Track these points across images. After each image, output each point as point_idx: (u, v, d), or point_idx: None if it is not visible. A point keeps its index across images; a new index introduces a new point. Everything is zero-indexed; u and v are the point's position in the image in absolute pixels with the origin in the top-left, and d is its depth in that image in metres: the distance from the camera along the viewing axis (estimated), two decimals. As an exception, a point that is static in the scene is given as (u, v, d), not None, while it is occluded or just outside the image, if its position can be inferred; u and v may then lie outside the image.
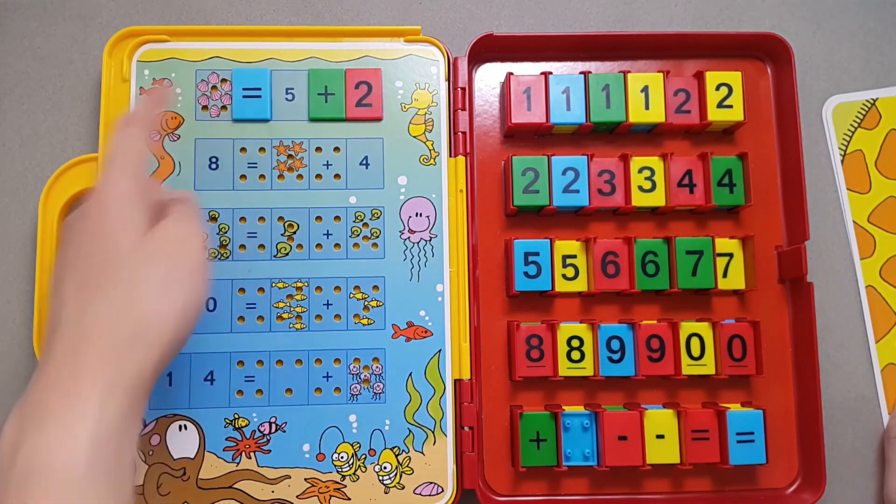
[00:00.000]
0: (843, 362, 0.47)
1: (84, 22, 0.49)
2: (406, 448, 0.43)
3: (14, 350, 0.46)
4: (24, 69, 0.48)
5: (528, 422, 0.43)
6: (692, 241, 0.45)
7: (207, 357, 0.43)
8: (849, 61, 0.50)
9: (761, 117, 0.48)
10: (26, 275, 0.46)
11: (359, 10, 0.50)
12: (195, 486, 0.42)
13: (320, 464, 0.43)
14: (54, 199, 0.44)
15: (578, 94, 0.46)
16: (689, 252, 0.45)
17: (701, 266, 0.45)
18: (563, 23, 0.50)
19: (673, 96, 0.47)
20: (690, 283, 0.45)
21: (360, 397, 0.44)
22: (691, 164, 0.46)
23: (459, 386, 0.44)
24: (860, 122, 0.50)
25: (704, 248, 0.45)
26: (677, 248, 0.45)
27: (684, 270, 0.45)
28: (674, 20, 0.50)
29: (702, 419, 0.44)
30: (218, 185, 0.45)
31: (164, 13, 0.49)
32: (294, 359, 0.44)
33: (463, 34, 0.50)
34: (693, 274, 0.45)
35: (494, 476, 0.44)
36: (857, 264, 0.48)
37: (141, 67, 0.45)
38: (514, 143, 0.48)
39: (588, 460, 0.43)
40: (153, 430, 0.43)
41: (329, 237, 0.45)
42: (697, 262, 0.45)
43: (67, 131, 0.48)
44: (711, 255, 0.45)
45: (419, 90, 0.46)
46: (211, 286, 0.44)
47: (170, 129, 0.45)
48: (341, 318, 0.44)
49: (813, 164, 0.49)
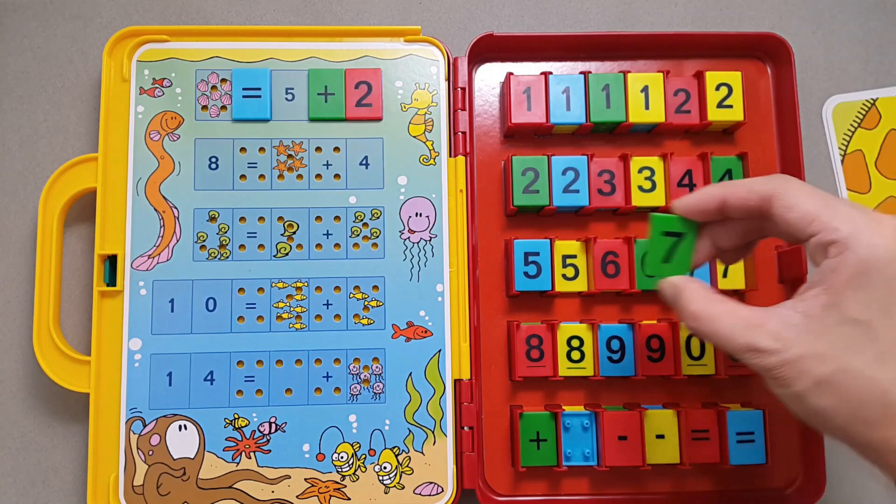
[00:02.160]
0: (843, 362, 0.47)
1: (84, 22, 0.49)
2: (406, 448, 0.43)
3: (14, 350, 0.46)
4: (24, 69, 0.48)
5: (528, 422, 0.43)
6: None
7: (207, 357, 0.43)
8: (849, 61, 0.50)
9: (761, 117, 0.48)
10: (26, 275, 0.46)
11: (359, 10, 0.50)
12: (195, 486, 0.42)
13: (320, 464, 0.43)
14: (54, 199, 0.44)
15: (578, 94, 0.46)
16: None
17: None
18: (563, 23, 0.50)
19: (673, 96, 0.47)
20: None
21: (360, 397, 0.44)
22: (691, 164, 0.46)
23: (459, 386, 0.44)
24: (860, 122, 0.50)
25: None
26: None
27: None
28: (674, 20, 0.50)
29: (702, 419, 0.44)
30: (218, 185, 0.45)
31: (164, 13, 0.49)
32: (294, 359, 0.44)
33: (463, 34, 0.50)
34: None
35: (494, 476, 0.44)
36: (857, 264, 0.48)
37: (141, 67, 0.45)
38: (514, 143, 0.48)
39: (588, 460, 0.43)
40: (153, 430, 0.43)
41: (329, 237, 0.45)
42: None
43: (67, 131, 0.48)
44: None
45: (419, 90, 0.46)
46: (210, 287, 0.44)
47: (169, 129, 0.45)
48: (341, 318, 0.44)
49: (813, 164, 0.49)
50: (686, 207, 0.34)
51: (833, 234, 0.29)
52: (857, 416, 0.29)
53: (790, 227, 0.31)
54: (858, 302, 0.29)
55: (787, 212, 0.30)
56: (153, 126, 0.45)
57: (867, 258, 0.28)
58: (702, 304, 0.32)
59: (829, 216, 0.29)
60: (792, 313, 0.30)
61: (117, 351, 0.43)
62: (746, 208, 0.32)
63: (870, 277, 0.28)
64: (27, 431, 0.45)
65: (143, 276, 0.44)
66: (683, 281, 0.34)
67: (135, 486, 0.42)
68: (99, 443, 0.42)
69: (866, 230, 0.29)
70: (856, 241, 0.29)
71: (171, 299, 0.44)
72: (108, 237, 0.44)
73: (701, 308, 0.32)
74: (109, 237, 0.44)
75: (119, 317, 0.43)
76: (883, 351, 0.28)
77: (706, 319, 0.32)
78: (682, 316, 0.33)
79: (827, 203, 0.30)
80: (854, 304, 0.29)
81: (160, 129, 0.45)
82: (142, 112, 0.45)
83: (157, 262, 0.44)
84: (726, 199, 0.33)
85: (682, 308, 0.33)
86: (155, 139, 0.45)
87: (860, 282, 0.28)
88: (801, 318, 0.30)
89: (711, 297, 0.32)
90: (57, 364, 0.43)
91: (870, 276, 0.28)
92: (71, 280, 0.46)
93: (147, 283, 0.44)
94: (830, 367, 0.29)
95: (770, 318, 0.30)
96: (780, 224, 0.31)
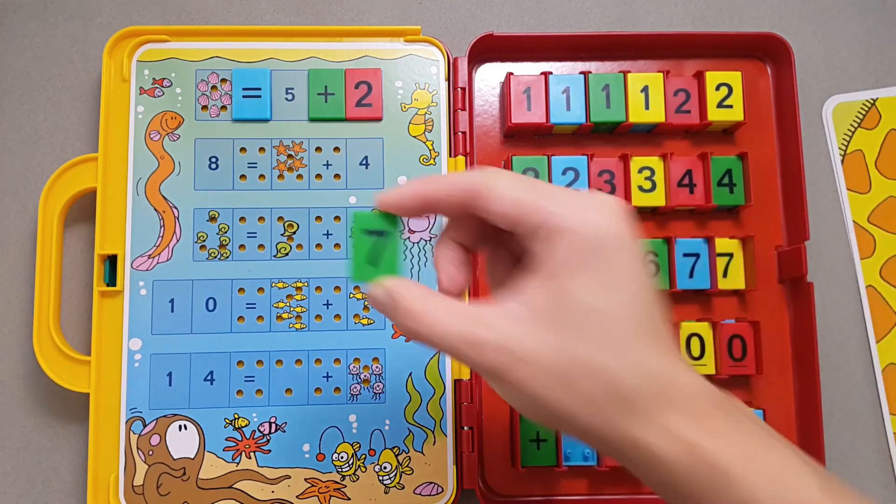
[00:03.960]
0: (844, 362, 0.47)
1: (84, 22, 0.49)
2: (406, 448, 0.43)
3: (14, 350, 0.46)
4: (24, 69, 0.48)
5: (527, 422, 0.43)
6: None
7: (207, 357, 0.43)
8: (849, 61, 0.50)
9: (761, 117, 0.48)
10: (26, 275, 0.46)
11: (359, 10, 0.50)
12: (195, 486, 0.42)
13: (320, 464, 0.43)
14: (54, 199, 0.44)
15: (578, 94, 0.46)
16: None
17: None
18: (563, 23, 0.50)
19: (673, 96, 0.47)
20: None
21: (360, 397, 0.44)
22: (691, 164, 0.46)
23: (459, 386, 0.44)
24: (860, 122, 0.50)
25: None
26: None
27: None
28: (674, 20, 0.50)
29: (702, 419, 0.44)
30: (218, 185, 0.45)
31: (163, 13, 0.49)
32: (294, 359, 0.44)
33: (463, 34, 0.50)
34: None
35: (494, 476, 0.44)
36: (857, 264, 0.48)
37: (141, 67, 0.45)
38: (514, 143, 0.48)
39: (587, 460, 0.43)
40: (153, 430, 0.43)
41: (329, 237, 0.45)
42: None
43: (67, 131, 0.48)
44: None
45: (419, 90, 0.46)
46: (211, 287, 0.44)
47: (169, 129, 0.45)
48: (341, 318, 0.44)
49: (813, 164, 0.49)
50: (387, 204, 0.31)
51: (548, 219, 0.27)
52: (594, 411, 0.26)
53: (502, 218, 0.28)
54: (583, 286, 0.26)
55: (496, 204, 0.28)
56: (153, 126, 0.45)
57: (586, 239, 0.26)
58: (418, 301, 0.28)
59: (540, 202, 0.27)
60: (515, 305, 0.27)
61: (117, 351, 0.43)
62: (453, 204, 0.29)
63: (590, 259, 0.26)
64: (27, 431, 0.45)
65: (144, 276, 0.44)
66: (395, 281, 0.29)
67: (135, 486, 0.42)
68: (99, 443, 0.42)
69: (581, 211, 0.27)
70: (572, 224, 0.27)
71: (171, 299, 0.44)
72: (108, 237, 0.44)
73: (417, 306, 0.28)
74: (109, 237, 0.44)
75: (119, 317, 0.43)
76: (613, 337, 0.26)
77: (423, 316, 0.28)
78: (396, 317, 0.29)
79: (536, 188, 0.28)
80: (578, 290, 0.26)
81: (160, 129, 0.45)
82: (142, 112, 0.45)
83: (157, 262, 0.44)
84: (427, 196, 0.30)
85: (397, 308, 0.29)
86: (155, 139, 0.45)
87: (582, 265, 0.26)
88: (525, 309, 0.27)
89: (428, 294, 0.29)
90: (57, 364, 0.43)
91: (590, 258, 0.26)
92: (71, 280, 0.46)
93: (147, 283, 0.44)
94: (561, 360, 0.26)
95: (492, 312, 0.27)
96: (492, 217, 0.28)
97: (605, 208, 0.27)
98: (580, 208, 0.27)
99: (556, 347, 0.26)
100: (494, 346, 0.26)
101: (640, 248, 0.27)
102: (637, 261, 0.27)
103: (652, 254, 0.45)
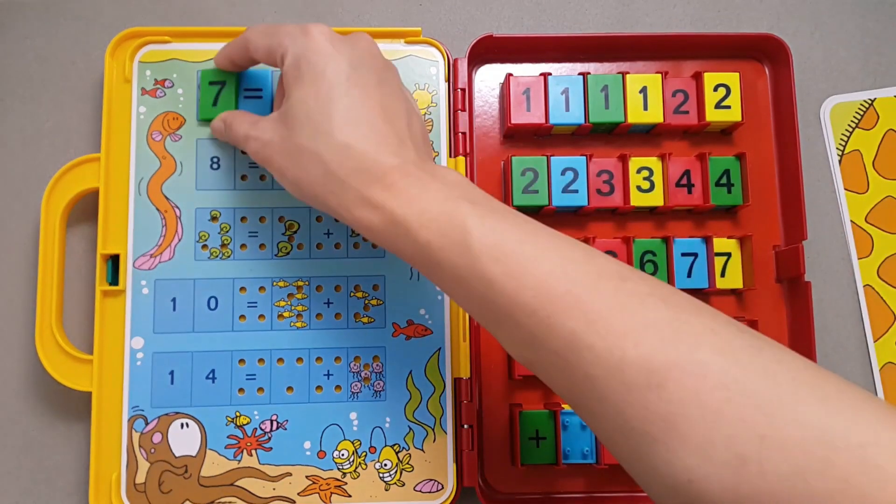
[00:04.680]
0: (842, 362, 0.48)
1: (86, 23, 0.49)
2: (406, 445, 0.43)
3: (16, 349, 0.46)
4: (26, 70, 0.48)
5: (527, 420, 0.44)
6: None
7: (209, 355, 0.44)
8: (847, 62, 0.51)
9: (759, 118, 0.49)
10: (29, 274, 0.47)
11: (359, 11, 0.50)
12: (197, 483, 0.43)
13: (321, 461, 0.43)
14: (56, 200, 0.44)
15: (577, 94, 0.46)
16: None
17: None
18: (562, 24, 0.51)
19: (671, 97, 0.47)
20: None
21: (361, 395, 0.44)
22: (689, 165, 0.47)
23: (459, 384, 0.44)
24: (858, 123, 0.50)
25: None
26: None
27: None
28: (672, 21, 0.51)
29: (700, 417, 0.44)
30: (219, 184, 0.45)
31: (166, 14, 0.49)
32: (295, 357, 0.44)
33: (463, 35, 0.50)
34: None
35: (494, 474, 0.45)
36: (854, 264, 0.49)
37: (143, 68, 0.46)
38: (514, 144, 0.48)
39: (587, 458, 0.44)
40: (155, 429, 0.43)
41: (329, 236, 0.45)
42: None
43: (69, 131, 0.48)
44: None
45: (419, 91, 0.47)
46: (212, 286, 0.44)
47: (171, 129, 0.45)
48: (342, 317, 0.44)
49: (811, 164, 0.49)
50: (217, 64, 0.44)
51: (279, 49, 0.37)
52: (324, 189, 0.35)
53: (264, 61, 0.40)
54: (298, 92, 0.36)
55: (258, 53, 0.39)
56: (155, 126, 0.45)
57: (298, 57, 0.36)
58: (231, 115, 0.42)
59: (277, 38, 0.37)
60: (274, 114, 0.38)
61: (119, 350, 0.43)
62: (245, 57, 0.41)
63: (302, 70, 0.36)
64: (29, 430, 0.45)
65: (146, 276, 0.44)
66: (226, 112, 0.43)
67: (137, 483, 0.42)
68: (101, 441, 0.43)
69: (298, 37, 0.36)
70: (291, 48, 0.36)
71: (173, 298, 0.44)
72: (111, 237, 0.44)
73: (229, 117, 0.42)
74: (112, 237, 0.44)
75: (121, 316, 0.44)
76: (316, 127, 0.35)
77: (229, 122, 0.41)
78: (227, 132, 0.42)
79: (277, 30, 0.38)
80: (295, 94, 0.36)
81: (162, 129, 0.45)
82: (144, 112, 0.45)
83: (159, 262, 0.44)
84: (230, 57, 0.42)
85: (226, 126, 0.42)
86: (157, 139, 0.45)
87: (297, 77, 0.36)
88: (276, 114, 0.38)
89: (240, 114, 0.41)
90: (59, 363, 0.43)
91: (302, 69, 0.36)
92: (73, 279, 0.47)
93: (149, 282, 0.44)
94: (288, 145, 0.36)
95: (264, 119, 0.38)
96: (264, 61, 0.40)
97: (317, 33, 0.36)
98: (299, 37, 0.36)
99: (284, 136, 0.36)
100: (256, 139, 0.38)
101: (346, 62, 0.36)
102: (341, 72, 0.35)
103: (650, 253, 0.46)
